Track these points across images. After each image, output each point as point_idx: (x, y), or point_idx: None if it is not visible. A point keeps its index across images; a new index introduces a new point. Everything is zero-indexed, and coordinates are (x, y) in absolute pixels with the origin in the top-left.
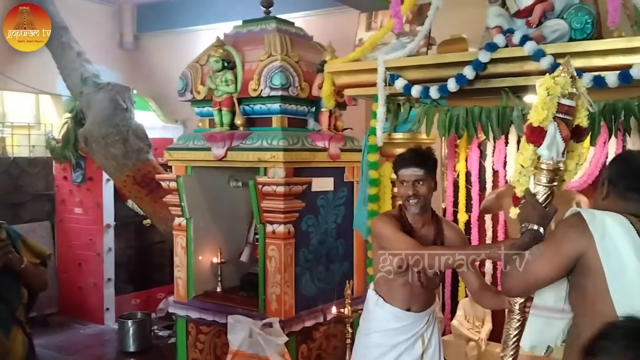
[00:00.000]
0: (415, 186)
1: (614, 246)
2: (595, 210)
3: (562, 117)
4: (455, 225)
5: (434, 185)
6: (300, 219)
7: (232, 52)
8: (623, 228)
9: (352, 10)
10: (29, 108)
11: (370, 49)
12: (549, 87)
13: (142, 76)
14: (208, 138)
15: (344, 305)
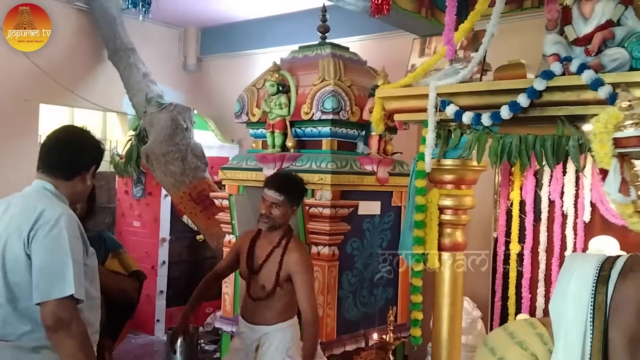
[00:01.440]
0: (270, 207)
1: None
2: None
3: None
4: (299, 260)
5: (292, 211)
6: (346, 242)
7: (287, 77)
8: None
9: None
10: (96, 125)
11: (423, 74)
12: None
13: (203, 97)
14: (260, 159)
15: (387, 331)
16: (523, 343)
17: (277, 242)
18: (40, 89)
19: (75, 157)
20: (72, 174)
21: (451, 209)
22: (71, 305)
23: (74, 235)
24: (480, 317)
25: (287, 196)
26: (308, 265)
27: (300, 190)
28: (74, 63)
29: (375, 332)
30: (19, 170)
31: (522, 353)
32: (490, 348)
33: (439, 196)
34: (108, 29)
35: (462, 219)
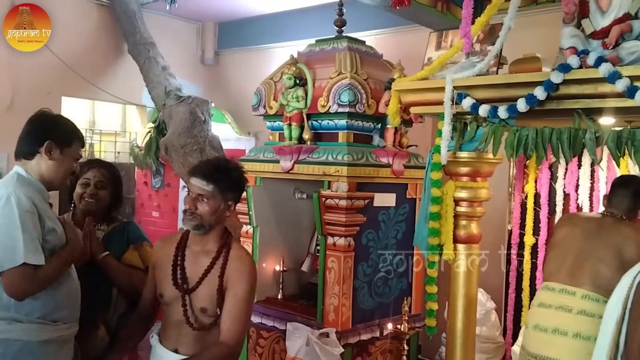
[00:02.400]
0: (195, 201)
1: None
2: None
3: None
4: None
5: (227, 208)
6: (361, 233)
7: (304, 70)
8: None
9: (423, 29)
10: (116, 117)
11: (439, 67)
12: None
13: (220, 90)
14: (277, 151)
15: (401, 321)
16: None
17: (216, 253)
18: (62, 82)
19: (28, 135)
20: (30, 153)
21: (466, 201)
22: (28, 273)
23: (26, 210)
24: (494, 309)
25: (218, 187)
26: (247, 277)
27: (235, 181)
28: (95, 57)
29: (390, 322)
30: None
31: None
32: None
33: (455, 188)
34: (128, 24)
35: (478, 211)
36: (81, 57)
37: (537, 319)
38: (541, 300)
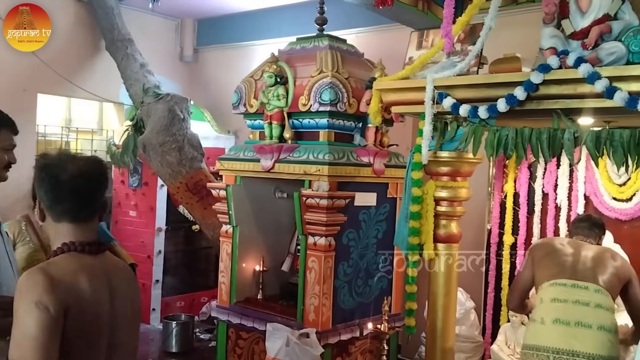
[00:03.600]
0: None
1: None
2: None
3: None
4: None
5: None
6: (342, 233)
7: (285, 68)
8: None
9: (403, 28)
10: (93, 115)
11: (420, 67)
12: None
13: (200, 88)
14: (258, 150)
15: (381, 321)
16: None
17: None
18: (38, 79)
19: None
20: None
21: (447, 200)
22: None
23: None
24: (473, 308)
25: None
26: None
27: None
28: (71, 53)
29: (370, 321)
30: (17, 159)
31: None
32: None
33: (435, 188)
34: (106, 20)
35: (458, 210)
36: (57, 54)
37: (556, 314)
38: (554, 296)
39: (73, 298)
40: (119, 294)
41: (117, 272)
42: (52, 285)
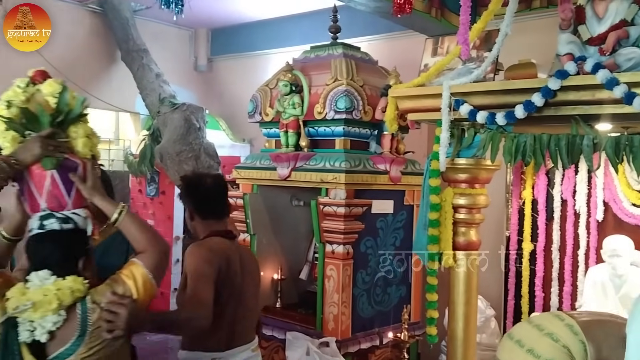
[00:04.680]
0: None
1: None
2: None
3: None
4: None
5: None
6: (360, 241)
7: (300, 77)
8: None
9: (418, 35)
10: (109, 125)
11: (436, 74)
12: None
13: (214, 97)
14: (274, 158)
15: (401, 330)
16: (553, 334)
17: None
18: None
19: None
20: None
21: (465, 207)
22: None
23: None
24: (493, 316)
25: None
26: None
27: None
28: (88, 64)
29: (389, 330)
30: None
31: (553, 344)
32: (517, 340)
33: (453, 195)
34: (121, 31)
35: (476, 217)
36: (74, 64)
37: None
38: None
39: (223, 262)
40: (246, 267)
41: (245, 252)
42: (211, 252)
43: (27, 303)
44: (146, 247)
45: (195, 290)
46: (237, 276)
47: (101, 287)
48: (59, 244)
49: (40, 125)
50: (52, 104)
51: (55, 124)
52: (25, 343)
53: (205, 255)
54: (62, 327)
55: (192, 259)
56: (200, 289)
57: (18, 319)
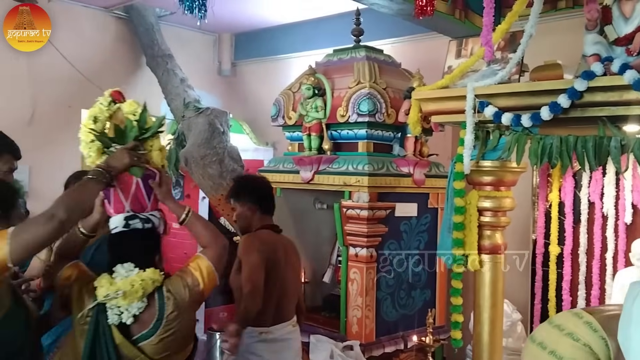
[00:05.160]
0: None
1: None
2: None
3: None
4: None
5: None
6: (383, 244)
7: (323, 80)
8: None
9: (441, 37)
10: None
11: (460, 76)
12: None
13: (238, 101)
14: (297, 161)
15: (426, 334)
16: (573, 334)
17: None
18: (82, 95)
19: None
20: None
21: (490, 210)
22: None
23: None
24: (520, 320)
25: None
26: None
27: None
28: (114, 69)
29: (414, 334)
30: (63, 174)
31: (573, 344)
32: (539, 343)
33: (478, 198)
34: (146, 36)
35: (502, 220)
36: (100, 70)
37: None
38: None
39: (271, 252)
40: (288, 256)
41: (288, 244)
42: (262, 243)
43: (118, 292)
44: (209, 242)
45: (250, 278)
46: (281, 263)
47: (174, 278)
48: (141, 240)
49: (125, 139)
50: (132, 121)
51: (136, 139)
52: (113, 325)
53: (257, 246)
54: (144, 312)
55: (246, 248)
56: (254, 277)
57: (107, 304)
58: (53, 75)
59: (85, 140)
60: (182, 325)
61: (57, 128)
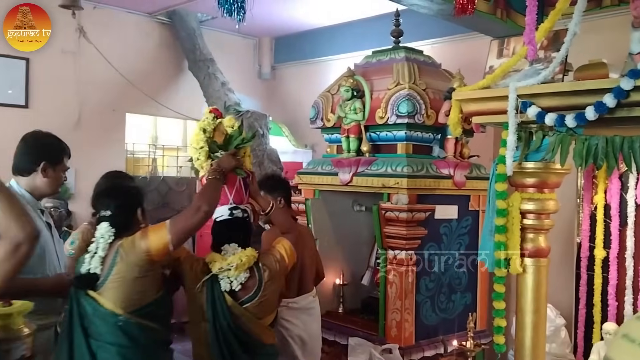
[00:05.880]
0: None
1: None
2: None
3: None
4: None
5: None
6: (423, 246)
7: (362, 82)
8: None
9: (482, 37)
10: (177, 132)
11: (502, 76)
12: None
13: (277, 104)
14: (335, 163)
15: (467, 338)
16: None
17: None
18: (126, 99)
19: (24, 155)
20: (26, 171)
21: (533, 213)
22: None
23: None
24: (564, 325)
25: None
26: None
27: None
28: (157, 74)
29: (454, 338)
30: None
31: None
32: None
33: (521, 200)
34: (188, 41)
35: (545, 223)
36: (144, 75)
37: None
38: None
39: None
40: (306, 241)
41: (304, 229)
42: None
43: (231, 265)
44: (288, 229)
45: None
46: (300, 247)
47: (265, 255)
48: (242, 226)
49: (229, 146)
50: (230, 133)
51: (236, 147)
52: (225, 291)
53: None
54: (248, 281)
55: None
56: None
57: (219, 275)
58: (98, 80)
59: (196, 147)
60: (273, 291)
61: (102, 131)
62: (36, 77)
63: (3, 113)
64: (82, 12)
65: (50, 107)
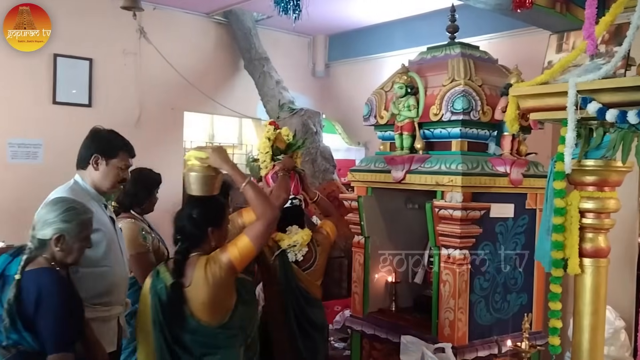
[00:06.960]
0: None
1: None
2: None
3: None
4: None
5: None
6: (477, 245)
7: (416, 78)
8: None
9: (540, 32)
10: (233, 130)
11: (561, 71)
12: None
13: (331, 101)
14: (388, 161)
15: (522, 339)
16: None
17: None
18: (185, 98)
19: (81, 149)
20: (82, 164)
21: (593, 212)
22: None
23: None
24: (623, 328)
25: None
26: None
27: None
28: (214, 73)
29: (508, 339)
30: (168, 174)
31: None
32: None
33: (580, 199)
34: (244, 41)
35: (605, 223)
36: (201, 74)
37: None
38: None
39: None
40: (319, 240)
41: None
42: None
43: (297, 242)
44: (332, 212)
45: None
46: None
47: (316, 234)
48: (299, 211)
49: (289, 151)
50: (286, 140)
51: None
52: (292, 262)
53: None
54: (307, 254)
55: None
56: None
57: (286, 250)
58: (158, 79)
59: (262, 152)
60: (323, 260)
61: (162, 130)
62: (99, 77)
63: (68, 112)
64: (143, 13)
65: (112, 106)
